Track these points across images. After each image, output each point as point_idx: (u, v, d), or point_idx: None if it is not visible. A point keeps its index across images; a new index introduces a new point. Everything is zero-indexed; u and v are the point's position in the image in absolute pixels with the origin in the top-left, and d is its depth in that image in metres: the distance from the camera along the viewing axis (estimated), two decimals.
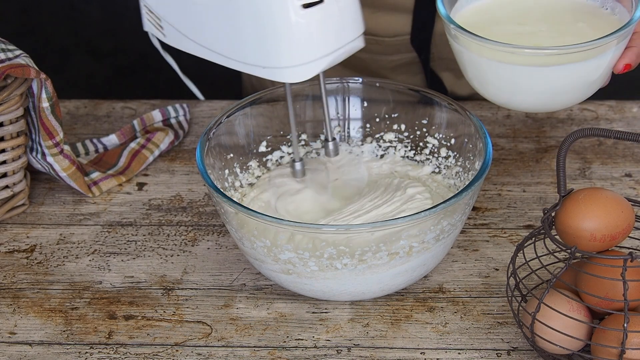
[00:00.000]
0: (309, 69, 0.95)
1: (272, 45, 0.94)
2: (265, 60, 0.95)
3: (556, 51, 0.92)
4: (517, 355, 0.93)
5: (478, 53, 0.94)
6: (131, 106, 1.29)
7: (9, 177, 1.10)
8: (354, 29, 0.97)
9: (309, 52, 0.94)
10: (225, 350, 0.94)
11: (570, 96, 0.98)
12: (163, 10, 1.01)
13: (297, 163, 1.05)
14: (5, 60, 1.07)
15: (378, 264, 0.93)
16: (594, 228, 0.86)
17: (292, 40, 0.94)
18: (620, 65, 0.97)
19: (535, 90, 0.96)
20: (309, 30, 0.94)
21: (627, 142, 1.18)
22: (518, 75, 0.95)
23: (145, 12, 1.04)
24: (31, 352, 0.95)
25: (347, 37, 0.97)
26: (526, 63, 0.93)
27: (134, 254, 1.06)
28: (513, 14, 1.00)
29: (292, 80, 0.96)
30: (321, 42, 0.95)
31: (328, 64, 0.96)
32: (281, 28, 0.93)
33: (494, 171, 1.16)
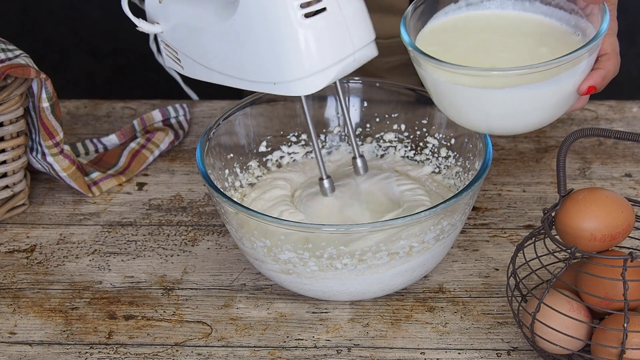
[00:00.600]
0: (319, 79, 0.94)
1: (278, 59, 0.94)
2: (275, 76, 0.94)
3: (503, 72, 0.89)
4: (517, 355, 0.93)
5: (435, 74, 0.92)
6: (131, 106, 1.29)
7: (9, 177, 1.10)
8: (362, 35, 0.96)
9: (316, 62, 0.93)
10: (225, 350, 0.94)
11: (528, 119, 0.93)
12: (178, 43, 1.02)
13: (325, 180, 1.02)
14: (5, 60, 1.07)
15: (378, 264, 0.93)
16: (594, 228, 0.86)
17: (297, 52, 0.93)
18: (584, 87, 0.92)
19: (490, 112, 0.92)
20: (314, 39, 0.93)
21: (627, 142, 1.18)
22: (471, 96, 0.91)
23: (164, 48, 1.06)
24: (31, 352, 0.95)
25: (356, 45, 0.96)
26: (479, 85, 0.90)
27: (134, 254, 1.06)
28: (476, 34, 0.98)
29: (303, 92, 0.95)
30: (328, 51, 0.94)
31: (339, 73, 0.95)
32: (285, 40, 0.93)
33: (494, 171, 1.16)
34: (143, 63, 2.34)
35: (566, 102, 0.93)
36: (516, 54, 0.94)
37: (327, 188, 1.02)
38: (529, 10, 0.98)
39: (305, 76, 0.94)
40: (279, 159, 1.11)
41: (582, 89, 0.92)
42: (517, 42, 0.96)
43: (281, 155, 1.11)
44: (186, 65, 1.03)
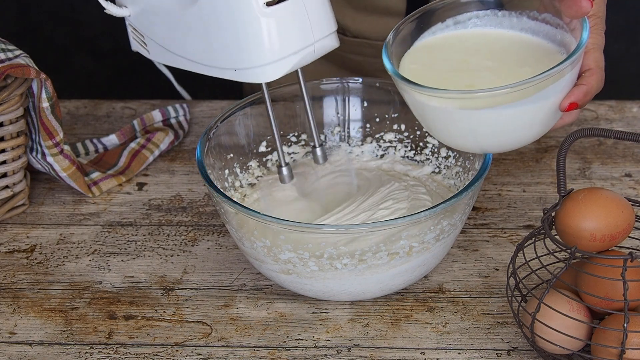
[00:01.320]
0: (278, 67, 0.95)
1: (239, 46, 0.94)
2: (235, 62, 0.96)
3: (476, 94, 0.88)
4: (517, 355, 0.93)
5: (418, 98, 0.92)
6: (131, 106, 1.29)
7: (9, 177, 1.10)
8: (323, 26, 0.97)
9: (275, 51, 0.94)
10: (225, 350, 0.94)
11: (515, 136, 0.92)
12: (145, 27, 1.03)
13: (284, 168, 1.03)
14: (5, 60, 1.07)
15: (378, 264, 0.93)
16: (594, 228, 0.86)
17: (257, 39, 0.94)
18: (565, 104, 0.91)
19: (476, 131, 0.92)
20: (274, 28, 0.94)
21: (627, 142, 1.18)
22: (455, 118, 0.91)
23: (131, 32, 1.06)
24: (31, 352, 0.95)
25: (317, 35, 0.96)
26: (461, 107, 0.90)
27: (134, 254, 1.06)
28: (460, 54, 0.98)
29: (262, 80, 0.96)
30: (288, 39, 0.95)
31: (298, 62, 0.96)
32: (246, 27, 0.94)
33: (494, 171, 1.16)
34: (143, 63, 2.34)
35: (553, 117, 0.92)
36: (497, 73, 0.93)
37: (285, 175, 1.03)
38: (516, 27, 0.97)
39: (265, 64, 0.95)
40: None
41: (563, 105, 0.91)
42: (500, 61, 0.95)
43: None
44: (152, 50, 1.04)
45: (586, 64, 0.93)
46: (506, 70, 0.94)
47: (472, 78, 0.93)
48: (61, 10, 2.46)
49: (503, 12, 0.98)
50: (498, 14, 0.98)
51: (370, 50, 1.28)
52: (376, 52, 1.28)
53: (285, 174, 1.03)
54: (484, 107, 0.89)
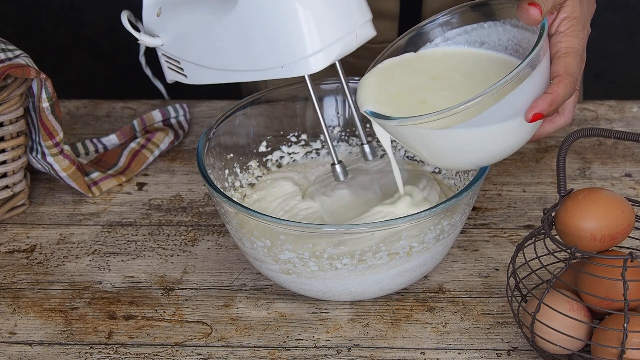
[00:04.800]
0: (324, 56, 0.96)
1: (283, 40, 0.95)
2: (281, 59, 0.96)
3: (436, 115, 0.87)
4: (517, 355, 0.93)
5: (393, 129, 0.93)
6: (131, 106, 1.29)
7: (9, 177, 1.10)
8: (361, 13, 0.98)
9: (319, 39, 0.95)
10: (225, 350, 0.94)
11: (489, 151, 0.92)
12: (180, 52, 1.04)
13: (337, 165, 1.02)
14: (5, 60, 1.07)
15: (378, 264, 0.93)
16: (594, 228, 0.86)
17: (300, 30, 0.94)
18: (528, 115, 0.87)
19: (462, 150, 0.91)
20: (315, 17, 0.94)
21: (627, 142, 1.18)
22: (420, 137, 0.91)
23: (165, 62, 1.07)
24: (31, 352, 0.95)
25: (357, 21, 0.97)
26: (427, 127, 0.89)
27: (134, 254, 1.06)
28: (425, 72, 0.98)
29: (311, 70, 0.96)
30: (329, 27, 0.95)
31: (342, 50, 0.97)
32: (288, 20, 0.94)
33: (494, 171, 1.16)
34: None
35: (526, 128, 0.90)
36: (455, 91, 0.93)
37: (339, 172, 1.02)
38: (494, 46, 0.97)
39: (311, 54, 0.95)
40: (279, 159, 1.11)
41: (527, 117, 0.88)
42: (469, 79, 0.95)
43: (281, 155, 1.11)
44: (190, 73, 1.04)
45: (555, 70, 0.90)
46: (467, 86, 0.93)
47: (428, 96, 0.94)
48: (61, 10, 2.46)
49: (489, 23, 0.98)
50: (484, 26, 0.98)
51: (365, 53, 1.28)
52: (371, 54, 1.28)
53: (339, 171, 1.02)
54: (446, 127, 0.88)
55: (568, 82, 0.89)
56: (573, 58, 0.90)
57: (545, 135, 0.96)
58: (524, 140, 0.92)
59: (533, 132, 0.93)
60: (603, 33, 2.41)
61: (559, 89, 0.89)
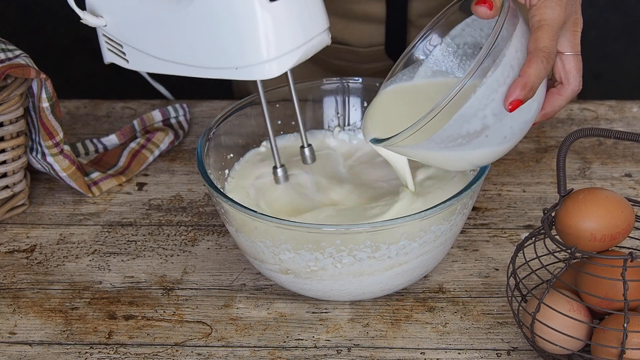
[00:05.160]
0: (281, 63, 0.95)
1: (242, 43, 0.94)
2: (237, 61, 0.95)
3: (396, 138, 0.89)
4: (517, 355, 0.93)
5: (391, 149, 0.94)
6: (131, 106, 1.29)
7: (9, 177, 1.10)
8: (319, 22, 0.98)
9: (279, 46, 0.94)
10: (225, 350, 0.94)
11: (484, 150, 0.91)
12: (125, 35, 1.02)
13: (279, 169, 1.03)
14: (5, 60, 1.07)
15: (378, 264, 0.93)
16: (594, 228, 0.86)
17: (261, 35, 0.94)
18: (507, 106, 0.86)
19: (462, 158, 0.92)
20: (277, 23, 0.94)
21: (627, 142, 1.18)
22: (416, 153, 0.92)
23: (105, 42, 1.04)
24: (31, 352, 0.95)
25: (315, 30, 0.97)
26: (412, 144, 0.90)
27: (134, 254, 1.06)
28: (424, 95, 0.99)
29: (267, 76, 0.95)
30: (290, 35, 0.95)
31: (299, 59, 0.96)
32: (248, 23, 0.93)
33: (494, 171, 1.16)
34: None
35: (521, 117, 0.90)
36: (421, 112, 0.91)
37: (280, 177, 1.02)
38: None
39: (269, 59, 0.95)
40: None
41: (506, 107, 0.86)
42: None
43: None
44: (132, 59, 1.02)
45: (527, 48, 0.88)
46: None
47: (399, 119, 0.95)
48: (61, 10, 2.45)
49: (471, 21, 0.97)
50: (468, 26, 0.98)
51: (353, 56, 1.28)
52: (359, 57, 1.28)
53: (281, 175, 1.03)
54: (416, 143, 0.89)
55: (538, 59, 0.86)
56: (544, 31, 0.87)
57: (559, 110, 0.93)
58: (523, 131, 0.91)
59: (531, 118, 0.91)
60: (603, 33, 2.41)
61: (529, 69, 0.86)
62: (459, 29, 0.98)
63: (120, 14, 1.01)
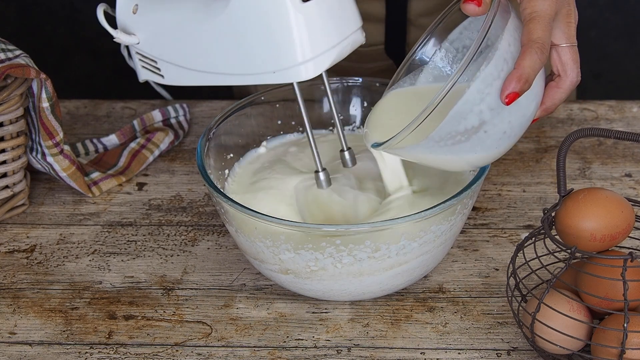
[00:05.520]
0: (317, 64, 0.95)
1: (277, 46, 0.94)
2: (274, 64, 0.95)
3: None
4: (517, 355, 0.93)
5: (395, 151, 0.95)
6: (131, 106, 1.29)
7: (9, 177, 1.10)
8: (353, 20, 0.97)
9: (314, 47, 0.94)
10: (225, 350, 0.94)
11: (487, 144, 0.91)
12: (158, 50, 1.02)
13: (321, 173, 1.00)
14: (5, 60, 1.07)
15: (378, 264, 0.93)
16: (594, 228, 0.86)
17: (295, 37, 0.93)
18: (503, 99, 0.86)
19: (462, 157, 0.92)
20: (311, 24, 0.93)
21: (627, 142, 1.18)
22: (414, 155, 0.93)
23: (139, 60, 1.04)
24: (31, 352, 0.95)
25: (349, 29, 0.97)
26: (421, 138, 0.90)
27: (134, 254, 1.06)
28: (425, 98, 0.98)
29: (305, 77, 0.95)
30: (324, 35, 0.95)
31: (334, 58, 0.96)
32: (284, 26, 0.93)
33: (494, 171, 1.16)
34: None
35: (521, 111, 0.90)
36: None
37: (322, 180, 1.01)
38: None
39: (306, 60, 0.94)
40: None
41: (503, 101, 0.86)
42: None
43: None
44: (168, 74, 1.02)
45: (521, 41, 0.88)
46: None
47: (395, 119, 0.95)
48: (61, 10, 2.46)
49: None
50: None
51: (353, 56, 1.27)
52: (358, 57, 1.28)
53: (323, 179, 1.00)
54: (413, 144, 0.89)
55: (532, 50, 0.86)
56: (536, 23, 0.87)
57: (559, 103, 0.93)
58: (522, 126, 0.91)
59: (530, 113, 0.90)
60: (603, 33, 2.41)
61: (524, 61, 0.86)
62: (456, 33, 0.98)
63: (151, 30, 1.01)
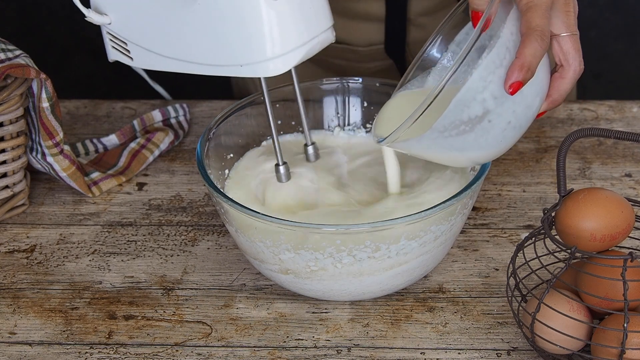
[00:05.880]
0: (286, 60, 0.95)
1: (247, 40, 0.94)
2: (242, 58, 0.95)
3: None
4: (517, 355, 0.93)
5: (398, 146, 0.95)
6: (131, 106, 1.29)
7: (9, 177, 1.10)
8: (324, 19, 0.98)
9: (284, 44, 0.94)
10: (225, 350, 0.94)
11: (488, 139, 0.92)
12: (129, 32, 1.02)
13: (282, 167, 1.02)
14: (5, 60, 1.07)
15: (378, 264, 0.93)
16: (594, 228, 0.86)
17: (266, 33, 0.94)
18: (507, 88, 0.86)
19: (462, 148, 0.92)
20: (282, 21, 0.94)
21: (627, 142, 1.18)
22: (418, 149, 0.93)
23: (109, 40, 1.04)
24: (31, 352, 0.95)
25: (319, 27, 0.97)
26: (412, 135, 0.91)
27: (134, 254, 1.06)
28: None
29: (273, 73, 0.95)
30: (295, 32, 0.95)
31: (303, 56, 0.96)
32: (254, 20, 0.93)
33: (494, 171, 1.16)
34: None
35: (524, 104, 0.90)
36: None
37: (282, 174, 1.02)
38: None
39: (274, 56, 0.94)
40: None
41: (507, 90, 0.87)
42: None
43: None
44: (137, 56, 1.02)
45: (520, 30, 0.88)
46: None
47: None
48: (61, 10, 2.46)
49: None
50: None
51: (353, 56, 1.28)
52: (358, 56, 1.28)
53: (283, 173, 1.02)
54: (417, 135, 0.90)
55: (532, 38, 0.87)
56: (533, 12, 0.88)
57: (565, 94, 0.92)
58: (527, 117, 0.91)
59: (534, 103, 0.90)
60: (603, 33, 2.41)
61: (524, 49, 0.86)
62: (463, 34, 0.98)
63: (124, 11, 1.01)
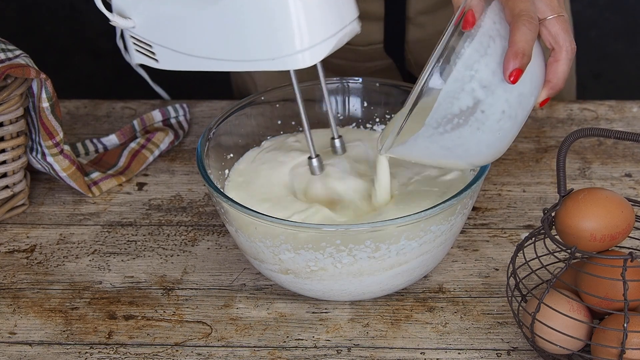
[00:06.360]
0: (314, 53, 0.95)
1: (276, 33, 0.94)
2: (272, 51, 0.95)
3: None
4: (517, 355, 0.93)
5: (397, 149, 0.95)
6: (131, 106, 1.29)
7: (9, 177, 1.10)
8: (350, 10, 0.98)
9: (312, 35, 0.95)
10: (225, 350, 0.94)
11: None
12: (154, 34, 1.01)
13: (314, 159, 1.03)
14: (5, 60, 1.07)
15: (377, 264, 0.93)
16: (594, 228, 0.86)
17: (294, 25, 0.94)
18: (507, 77, 0.86)
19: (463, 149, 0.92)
20: (310, 12, 0.94)
21: (627, 142, 1.18)
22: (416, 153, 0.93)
23: (133, 44, 1.04)
24: (31, 352, 0.95)
25: (346, 19, 0.97)
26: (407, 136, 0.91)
27: (134, 254, 1.06)
28: None
29: (299, 66, 0.96)
30: (323, 23, 0.95)
31: (332, 48, 0.96)
32: (283, 13, 0.94)
33: (494, 171, 1.16)
34: None
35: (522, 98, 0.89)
36: None
37: (315, 167, 1.02)
38: None
39: (305, 48, 0.95)
40: None
41: (507, 79, 0.86)
42: None
43: None
44: (162, 58, 1.02)
45: (506, 19, 0.87)
46: None
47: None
48: (61, 10, 2.46)
49: None
50: None
51: (353, 55, 1.28)
52: (358, 56, 1.28)
53: (316, 165, 1.02)
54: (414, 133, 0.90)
55: (520, 23, 0.86)
56: (521, 1, 0.87)
57: (563, 78, 0.91)
58: (523, 106, 0.90)
59: (529, 91, 0.90)
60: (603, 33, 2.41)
61: (515, 36, 0.86)
62: None
63: (148, 14, 1.01)
